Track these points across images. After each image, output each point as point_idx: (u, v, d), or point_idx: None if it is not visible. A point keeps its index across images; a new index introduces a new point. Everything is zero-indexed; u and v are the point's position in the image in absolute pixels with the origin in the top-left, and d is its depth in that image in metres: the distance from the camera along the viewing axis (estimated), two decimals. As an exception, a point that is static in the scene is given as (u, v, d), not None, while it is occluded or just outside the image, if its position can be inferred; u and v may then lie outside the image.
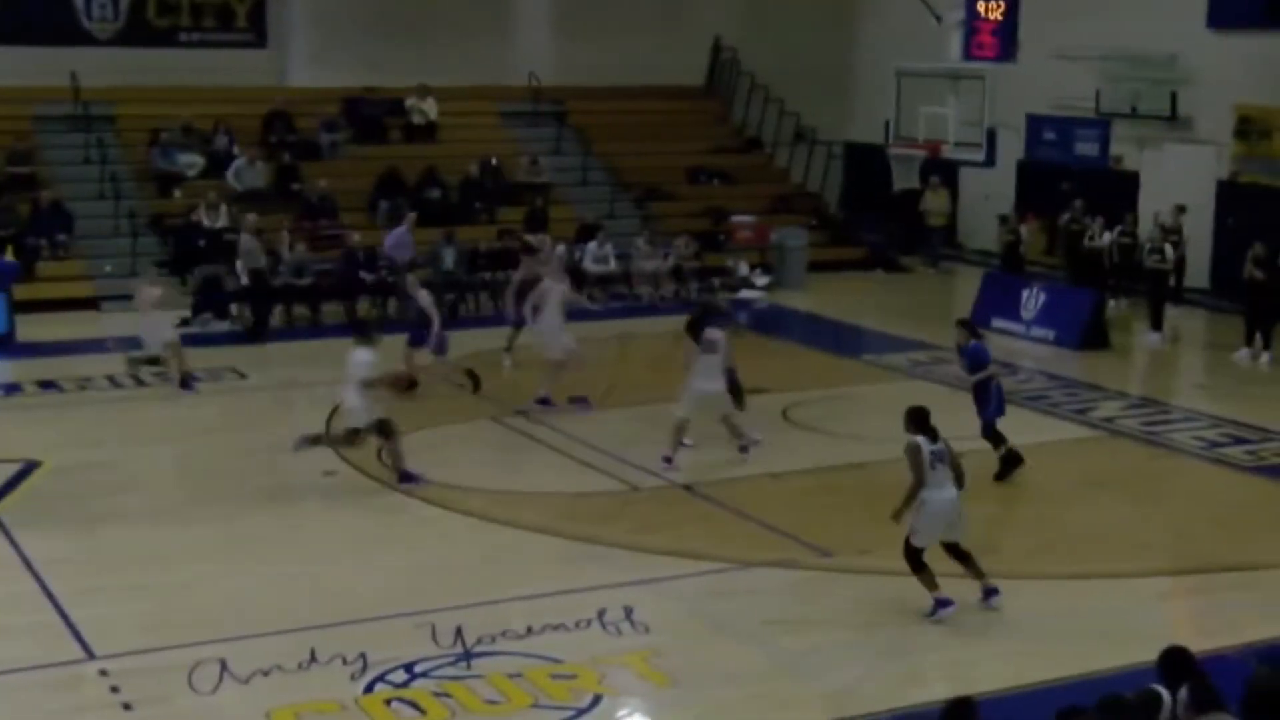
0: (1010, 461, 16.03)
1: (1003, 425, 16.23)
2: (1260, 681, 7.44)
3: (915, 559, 11.98)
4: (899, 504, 12.04)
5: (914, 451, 11.88)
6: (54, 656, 11.26)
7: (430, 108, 29.68)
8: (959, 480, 12.06)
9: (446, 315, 24.08)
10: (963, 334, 16.42)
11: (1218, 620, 12.31)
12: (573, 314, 19.25)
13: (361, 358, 15.46)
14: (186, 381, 19.52)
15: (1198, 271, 25.78)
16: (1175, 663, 7.96)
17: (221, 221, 25.58)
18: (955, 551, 12.16)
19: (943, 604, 12.02)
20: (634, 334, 24.28)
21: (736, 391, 16.85)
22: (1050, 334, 23.29)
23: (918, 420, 12.01)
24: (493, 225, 27.03)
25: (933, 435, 11.94)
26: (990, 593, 12.25)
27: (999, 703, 9.93)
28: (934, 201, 29.85)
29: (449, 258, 24.80)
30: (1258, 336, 22.03)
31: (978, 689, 9.57)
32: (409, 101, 29.58)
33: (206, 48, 29.51)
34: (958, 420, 17.57)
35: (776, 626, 12.01)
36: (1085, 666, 10.95)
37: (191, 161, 27.34)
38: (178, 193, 26.80)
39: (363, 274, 24.33)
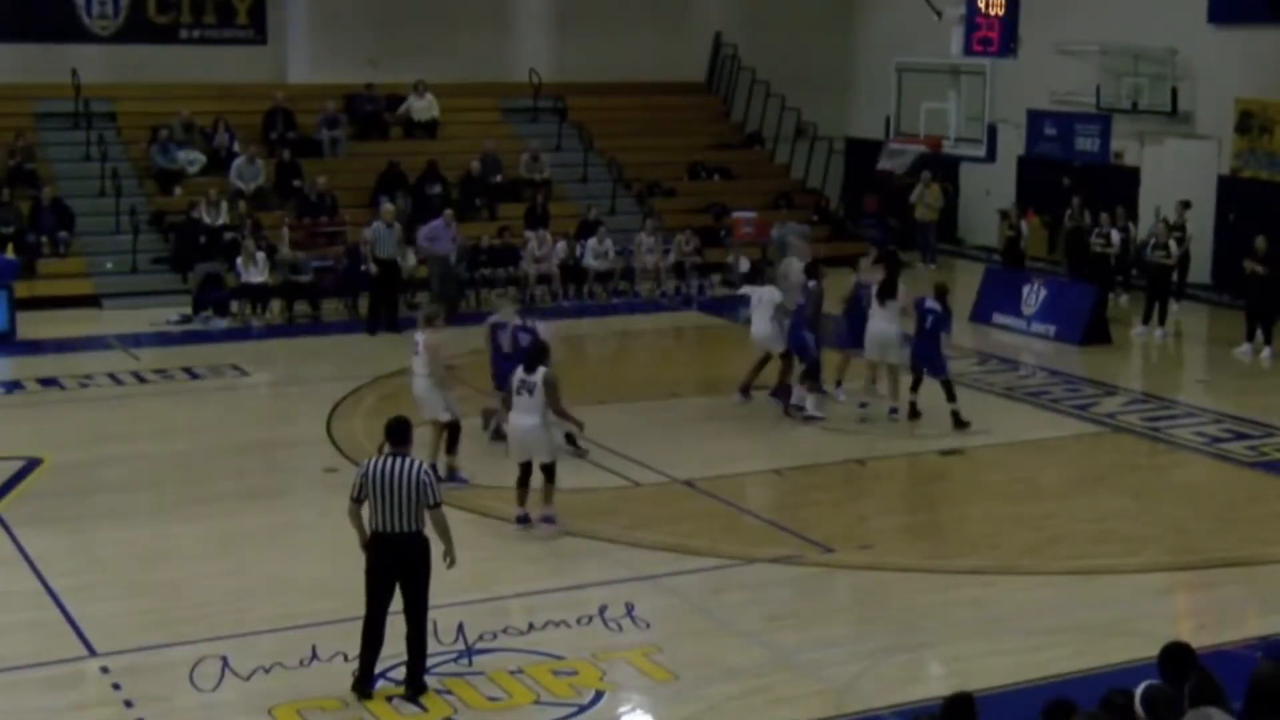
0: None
1: (1005, 419, 16.28)
2: (1264, 677, 7.39)
3: (520, 474, 13.94)
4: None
5: (504, 378, 14.28)
6: (55, 654, 11.26)
7: (430, 104, 29.65)
8: (549, 409, 13.71)
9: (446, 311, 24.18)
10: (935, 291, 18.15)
11: (1219, 615, 12.32)
12: (578, 310, 19.13)
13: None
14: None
15: (1199, 266, 25.72)
16: (1176, 659, 7.95)
17: (222, 219, 25.60)
18: (535, 470, 13.89)
19: (521, 519, 13.89)
20: (635, 330, 24.30)
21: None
22: (1051, 329, 23.26)
23: (536, 357, 13.87)
24: (493, 221, 27.01)
25: (531, 368, 13.68)
26: (521, 519, 13.88)
27: (1000, 698, 9.95)
28: (927, 196, 29.83)
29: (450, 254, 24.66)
30: (1259, 332, 22.02)
31: (978, 685, 9.59)
32: (404, 106, 29.54)
33: (207, 44, 29.49)
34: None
35: (777, 622, 12.02)
36: (1086, 662, 10.97)
37: (192, 158, 27.33)
38: (178, 190, 26.78)
39: (364, 269, 24.33)
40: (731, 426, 17.78)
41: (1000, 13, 22.06)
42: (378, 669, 10.78)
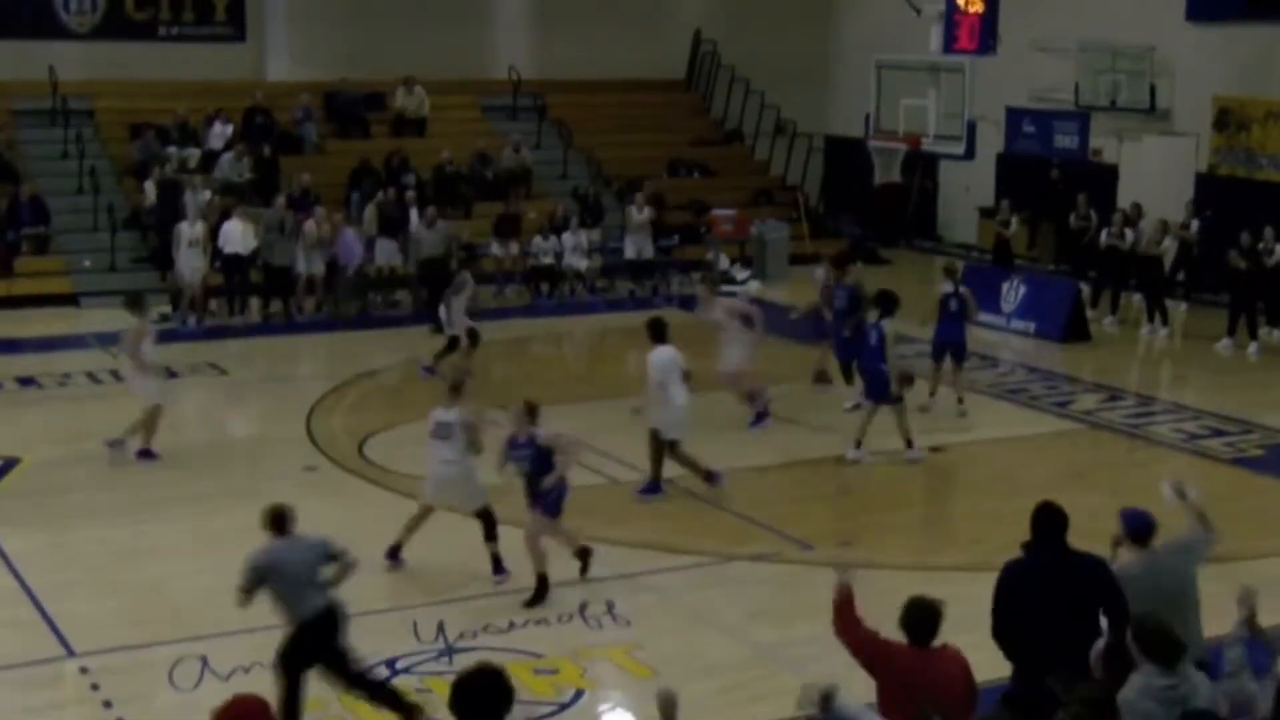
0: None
1: (985, 416, 16.30)
2: (1147, 621, 7.64)
3: None
4: None
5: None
6: (33, 654, 11.24)
7: (420, 100, 29.56)
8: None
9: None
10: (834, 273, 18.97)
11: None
12: (560, 309, 18.99)
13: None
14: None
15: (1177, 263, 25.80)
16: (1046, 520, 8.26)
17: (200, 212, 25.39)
18: None
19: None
20: (615, 327, 24.28)
21: None
22: (1031, 326, 23.32)
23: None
24: (468, 220, 26.92)
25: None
26: None
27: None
28: None
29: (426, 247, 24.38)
30: (1240, 327, 22.08)
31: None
32: (397, 103, 29.45)
33: (185, 41, 29.42)
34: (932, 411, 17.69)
35: (758, 619, 12.04)
36: (1066, 658, 10.96)
37: (184, 155, 27.20)
38: (154, 186, 26.51)
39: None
40: (711, 424, 17.74)
41: (979, 10, 22.14)
42: (385, 668, 10.77)
